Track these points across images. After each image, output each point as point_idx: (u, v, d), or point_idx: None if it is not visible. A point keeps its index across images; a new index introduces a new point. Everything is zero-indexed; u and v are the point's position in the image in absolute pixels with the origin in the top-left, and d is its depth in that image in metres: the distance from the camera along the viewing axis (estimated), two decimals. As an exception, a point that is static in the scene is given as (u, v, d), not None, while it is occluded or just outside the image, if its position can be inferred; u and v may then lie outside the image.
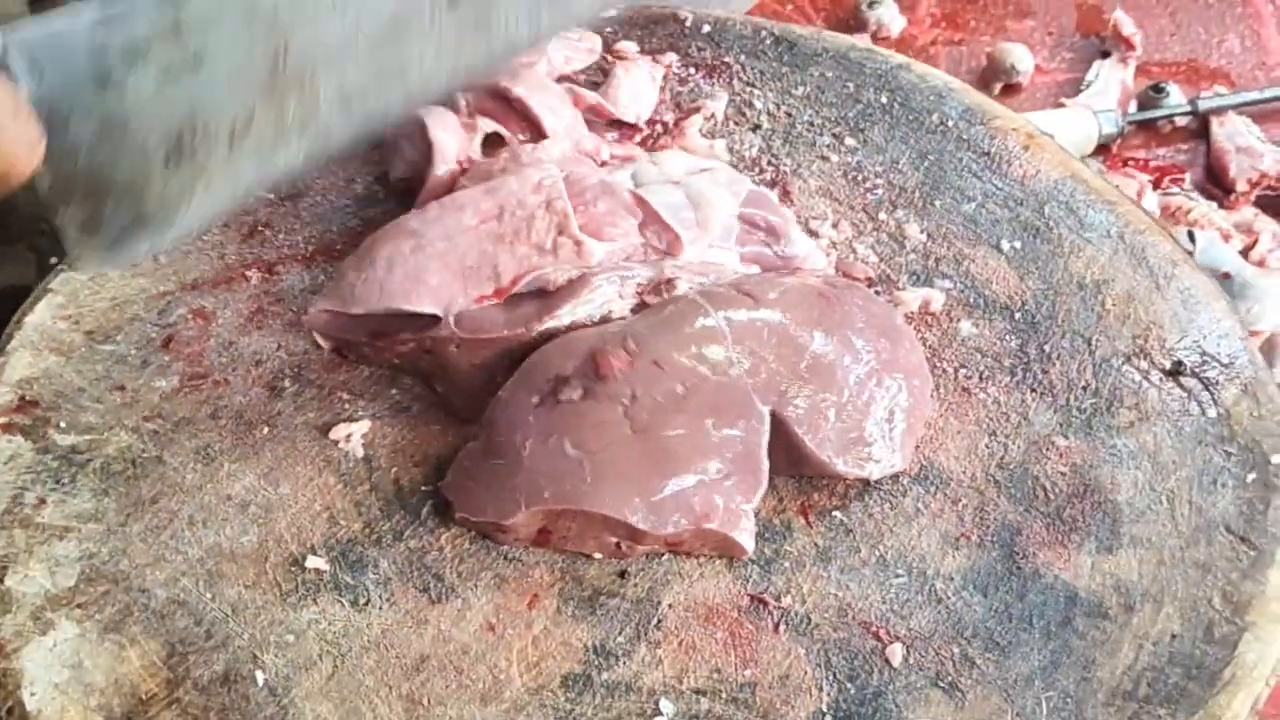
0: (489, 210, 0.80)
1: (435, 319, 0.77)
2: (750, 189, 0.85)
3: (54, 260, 0.91)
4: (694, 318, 0.75)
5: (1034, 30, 1.31)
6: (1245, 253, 1.08)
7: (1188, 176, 1.18)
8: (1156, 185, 1.17)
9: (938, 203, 0.92)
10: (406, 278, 0.78)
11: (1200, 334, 0.83)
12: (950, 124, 0.97)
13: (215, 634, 0.70)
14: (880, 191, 0.93)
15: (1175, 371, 0.81)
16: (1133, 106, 1.25)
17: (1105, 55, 1.28)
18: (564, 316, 0.78)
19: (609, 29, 1.03)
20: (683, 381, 0.73)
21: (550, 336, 0.77)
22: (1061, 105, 1.24)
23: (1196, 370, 0.81)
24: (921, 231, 0.90)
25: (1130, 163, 1.19)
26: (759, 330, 0.76)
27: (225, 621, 0.70)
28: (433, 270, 0.79)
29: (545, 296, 0.79)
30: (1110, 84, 1.25)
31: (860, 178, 0.93)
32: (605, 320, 0.79)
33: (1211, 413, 0.79)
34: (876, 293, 0.85)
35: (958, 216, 0.91)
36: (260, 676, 0.68)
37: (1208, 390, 0.80)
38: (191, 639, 0.69)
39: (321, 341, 0.83)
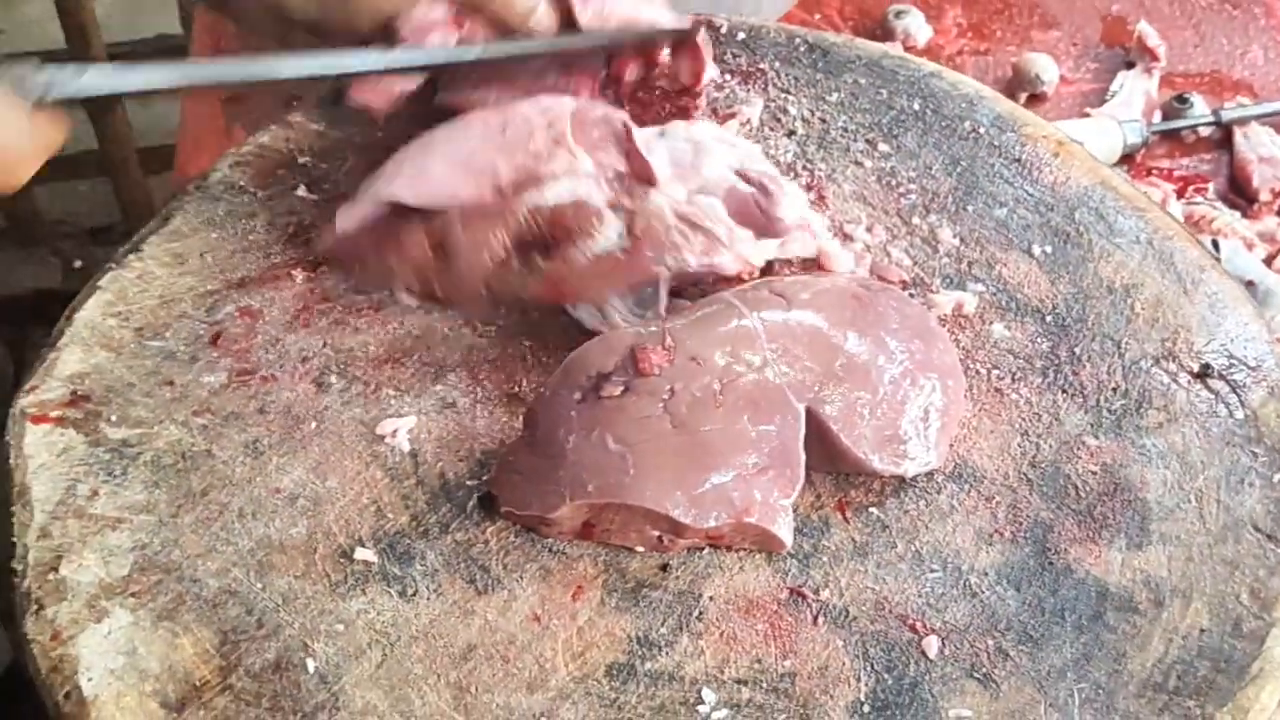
0: (495, 125, 0.86)
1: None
2: (756, 156, 0.89)
3: (78, 263, 0.92)
4: (729, 318, 0.76)
5: (1059, 41, 1.32)
6: (1269, 261, 1.09)
7: (1211, 186, 1.19)
8: (1180, 194, 1.18)
9: (970, 208, 0.93)
10: (412, 173, 0.85)
11: (1227, 338, 0.84)
12: (982, 131, 0.98)
13: (266, 623, 0.71)
14: (914, 196, 0.94)
15: (1203, 374, 0.82)
16: (1157, 116, 1.26)
17: (1130, 66, 1.29)
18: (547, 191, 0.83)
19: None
20: (719, 378, 0.74)
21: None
22: (1087, 115, 1.25)
23: (1224, 373, 0.82)
24: (954, 236, 0.91)
25: (1155, 172, 1.21)
26: (793, 330, 0.77)
27: (276, 611, 0.71)
28: (435, 168, 0.86)
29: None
30: (1135, 94, 1.26)
31: (894, 183, 0.95)
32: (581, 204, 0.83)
33: (1239, 414, 0.81)
34: (910, 295, 0.86)
35: (990, 221, 0.92)
36: (311, 664, 0.69)
37: (1235, 392, 0.82)
38: (243, 627, 0.71)
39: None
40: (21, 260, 2.58)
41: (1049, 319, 0.86)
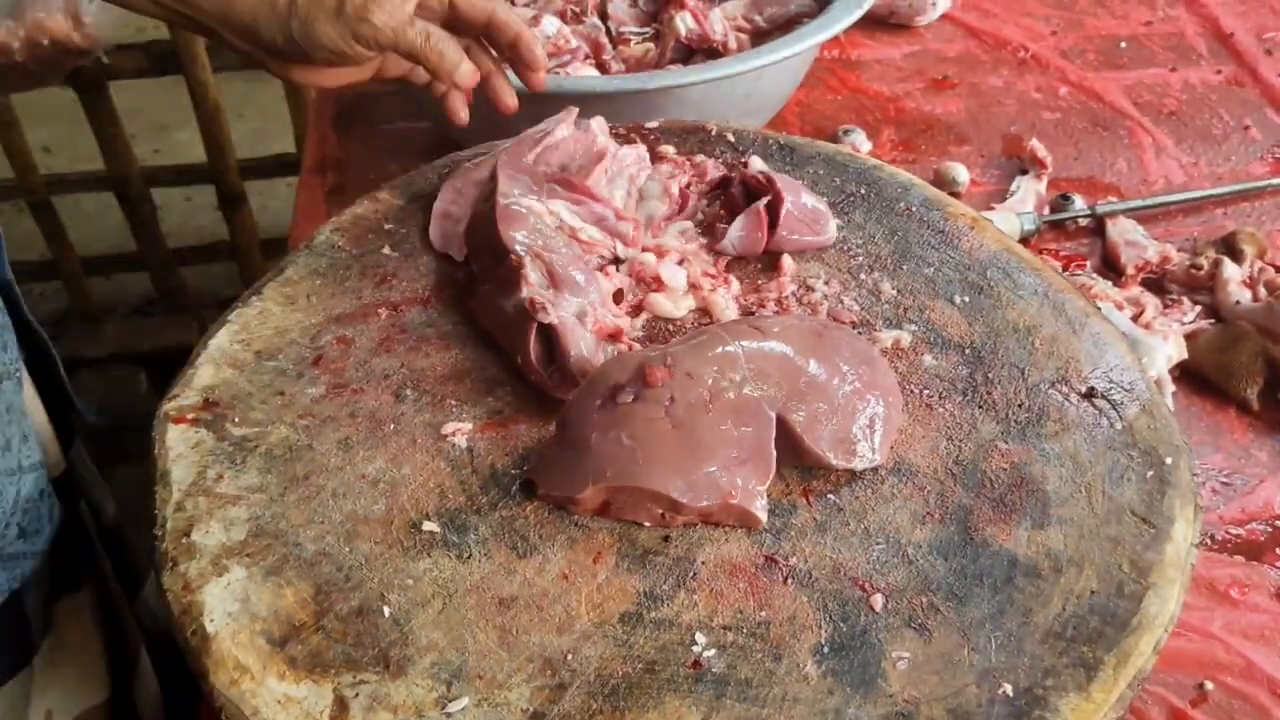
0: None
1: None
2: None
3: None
4: (717, 344, 0.75)
5: (970, 153, 1.32)
6: (1135, 319, 1.08)
7: (1089, 263, 1.18)
8: (1065, 268, 1.17)
9: (905, 267, 0.92)
10: None
11: (1108, 366, 0.83)
12: (914, 209, 0.97)
13: (352, 578, 0.69)
14: (861, 258, 0.93)
15: (1089, 394, 0.81)
16: (1046, 210, 1.25)
17: (1024, 172, 1.29)
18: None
19: (652, 136, 1.04)
20: (709, 391, 0.73)
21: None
22: (992, 209, 1.24)
23: (1105, 394, 0.81)
24: (893, 288, 0.90)
25: (1045, 252, 1.20)
26: (766, 355, 0.75)
27: (359, 569, 0.70)
28: None
29: None
30: (1028, 193, 1.25)
31: (846, 248, 0.94)
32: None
33: (1118, 425, 0.79)
34: (859, 333, 0.85)
35: (920, 278, 0.91)
36: (386, 610, 0.67)
37: (1114, 409, 0.80)
38: (334, 581, 0.69)
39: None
40: (169, 324, 2.58)
41: (968, 351, 0.84)
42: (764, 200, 0.91)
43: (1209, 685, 0.81)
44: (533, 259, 0.82)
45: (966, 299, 0.88)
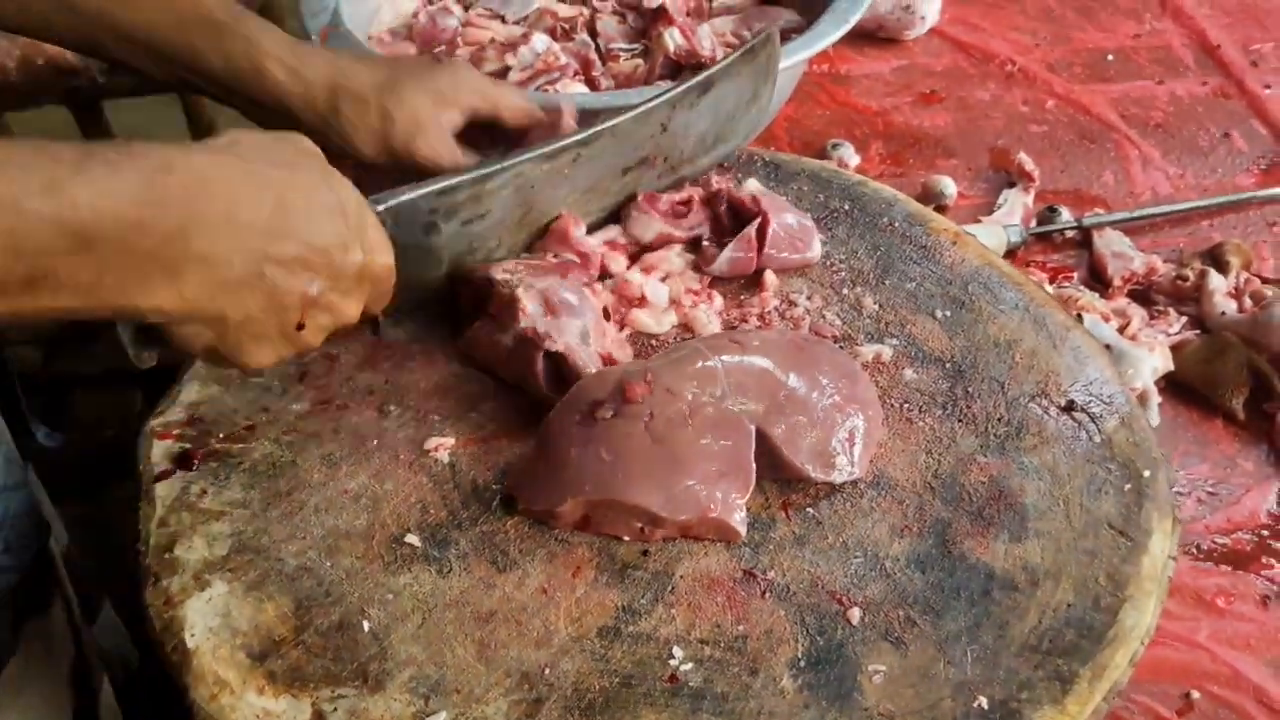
0: None
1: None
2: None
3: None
4: (696, 359, 0.75)
5: (957, 166, 1.32)
6: (1121, 330, 1.08)
7: (1075, 275, 1.18)
8: (1052, 280, 1.17)
9: (887, 282, 0.92)
10: None
11: (1088, 380, 0.83)
12: (896, 225, 0.97)
13: (333, 593, 0.69)
14: (844, 273, 0.93)
15: (1068, 408, 0.81)
16: (1033, 223, 1.25)
17: (1012, 185, 1.29)
18: None
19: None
20: (689, 406, 0.73)
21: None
22: (979, 221, 1.24)
23: (1084, 407, 0.81)
24: (875, 303, 0.90)
25: (1032, 264, 1.20)
26: (746, 369, 0.76)
27: (340, 583, 0.70)
28: None
29: None
30: (1016, 206, 1.25)
31: (829, 263, 0.94)
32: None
33: (1097, 439, 0.79)
34: (840, 347, 0.85)
35: (902, 293, 0.91)
36: (366, 625, 0.68)
37: (1093, 422, 0.80)
38: (314, 596, 0.69)
39: None
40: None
41: (948, 365, 0.85)
42: (754, 225, 0.91)
43: (1195, 695, 0.81)
44: (525, 289, 0.81)
45: (948, 313, 0.89)
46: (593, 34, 1.29)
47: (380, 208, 0.75)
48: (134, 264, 0.57)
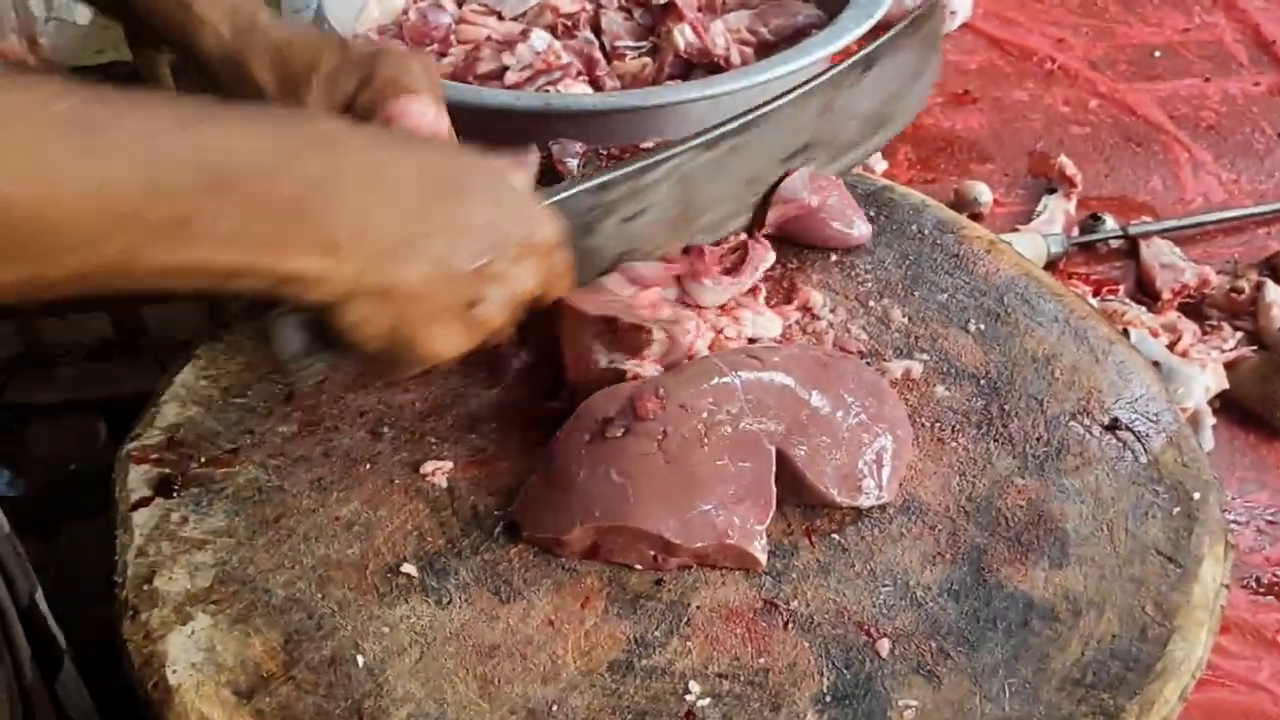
0: None
1: None
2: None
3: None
4: (712, 375, 0.78)
5: (993, 172, 1.35)
6: (1171, 346, 1.10)
7: (1121, 288, 1.20)
8: (1096, 294, 1.20)
9: (917, 293, 0.95)
10: None
11: (1133, 396, 0.86)
12: (926, 232, 1.00)
13: (324, 626, 0.72)
14: (870, 284, 0.96)
15: (1112, 426, 0.83)
16: (1075, 232, 1.28)
17: (1052, 191, 1.32)
18: None
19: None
20: (704, 424, 0.76)
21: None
22: (1017, 231, 1.27)
23: (1130, 425, 0.83)
24: (904, 316, 0.93)
25: (1074, 276, 1.22)
26: (765, 386, 0.78)
27: (332, 616, 0.72)
28: None
29: None
30: (1056, 214, 1.28)
31: (854, 274, 0.97)
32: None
33: (1143, 459, 0.81)
34: (867, 364, 0.88)
35: (933, 304, 0.93)
36: (360, 660, 0.70)
37: (1139, 441, 0.82)
38: (305, 630, 0.71)
39: None
40: (129, 368, 2.60)
41: (983, 382, 0.87)
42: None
43: (1255, 740, 0.83)
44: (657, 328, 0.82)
45: (982, 326, 0.91)
46: (597, 31, 1.32)
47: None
48: (280, 212, 0.59)
